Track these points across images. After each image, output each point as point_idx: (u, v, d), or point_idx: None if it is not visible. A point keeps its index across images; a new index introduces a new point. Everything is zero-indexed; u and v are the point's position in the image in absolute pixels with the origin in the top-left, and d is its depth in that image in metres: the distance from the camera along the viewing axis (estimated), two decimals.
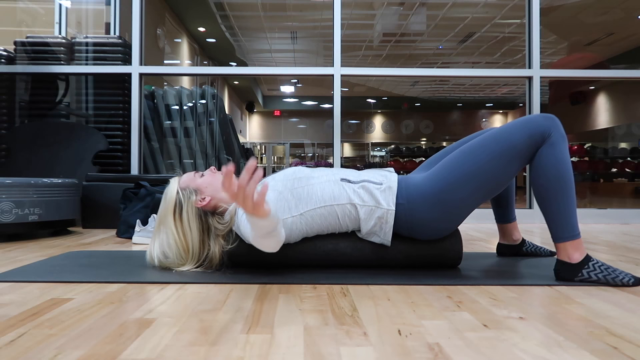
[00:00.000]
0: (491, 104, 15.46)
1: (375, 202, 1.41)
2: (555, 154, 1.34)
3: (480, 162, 1.36)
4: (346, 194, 1.42)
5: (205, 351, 0.82)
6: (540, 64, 3.29)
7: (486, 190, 1.39)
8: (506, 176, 1.38)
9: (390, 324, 0.99)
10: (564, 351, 0.84)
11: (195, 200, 1.45)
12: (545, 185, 1.35)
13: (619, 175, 9.17)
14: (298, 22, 8.08)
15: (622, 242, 2.28)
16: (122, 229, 2.33)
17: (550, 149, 1.34)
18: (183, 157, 3.86)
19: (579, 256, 1.35)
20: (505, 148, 1.35)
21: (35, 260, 1.67)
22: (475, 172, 1.37)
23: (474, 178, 1.37)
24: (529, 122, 1.36)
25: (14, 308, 1.08)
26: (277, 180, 1.44)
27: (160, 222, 1.47)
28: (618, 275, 1.33)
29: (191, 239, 1.44)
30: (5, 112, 3.41)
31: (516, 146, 1.35)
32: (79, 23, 4.38)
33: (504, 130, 1.38)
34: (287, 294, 1.22)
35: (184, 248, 1.44)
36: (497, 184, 1.39)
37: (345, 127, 3.28)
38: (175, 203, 1.46)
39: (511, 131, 1.36)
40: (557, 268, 1.39)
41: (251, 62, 10.54)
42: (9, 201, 2.16)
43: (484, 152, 1.37)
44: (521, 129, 1.35)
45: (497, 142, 1.36)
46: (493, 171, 1.36)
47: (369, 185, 1.43)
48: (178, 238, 1.44)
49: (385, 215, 1.41)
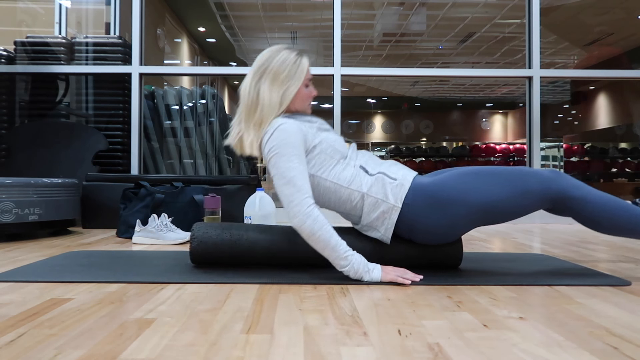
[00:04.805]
0: (491, 104, 15.45)
1: (384, 195, 1.40)
2: (585, 205, 1.38)
3: (492, 194, 1.38)
4: (359, 181, 1.41)
5: (205, 351, 0.82)
6: (540, 64, 3.29)
7: (490, 216, 1.41)
8: (516, 214, 1.41)
9: (390, 324, 0.99)
10: (564, 351, 0.84)
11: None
12: (606, 228, 1.41)
13: (619, 175, 9.17)
14: (298, 22, 8.08)
15: (622, 242, 2.28)
16: (122, 229, 2.33)
17: (577, 204, 1.37)
18: (183, 157, 3.86)
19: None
20: (520, 191, 1.37)
21: (35, 260, 1.67)
22: (485, 202, 1.38)
23: (480, 206, 1.38)
24: (548, 179, 1.39)
25: (14, 308, 1.08)
26: (328, 136, 1.44)
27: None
28: None
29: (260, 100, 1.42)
30: (5, 112, 3.41)
31: (530, 192, 1.37)
32: (79, 23, 4.38)
33: (524, 172, 1.40)
34: (287, 294, 1.22)
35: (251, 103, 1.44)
36: (502, 215, 1.41)
37: (345, 127, 3.28)
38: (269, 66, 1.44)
39: (528, 178, 1.39)
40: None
41: (251, 62, 10.50)
42: (9, 201, 2.16)
43: (500, 186, 1.38)
44: (541, 182, 1.38)
45: (515, 185, 1.38)
46: (500, 205, 1.38)
47: (384, 179, 1.41)
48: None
49: (390, 211, 1.40)
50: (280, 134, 1.36)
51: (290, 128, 1.37)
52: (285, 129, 1.37)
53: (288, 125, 1.38)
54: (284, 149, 1.35)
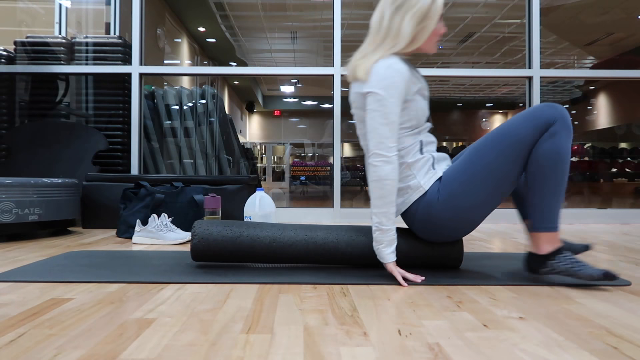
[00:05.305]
0: (491, 104, 15.46)
1: (419, 174, 1.41)
2: (553, 142, 1.29)
3: (487, 160, 1.34)
4: (411, 151, 1.42)
5: (205, 351, 0.82)
6: (540, 64, 3.29)
7: (499, 190, 1.36)
8: (516, 172, 1.35)
9: (390, 324, 0.99)
10: (564, 351, 0.84)
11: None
12: (534, 172, 1.32)
13: (619, 175, 9.17)
14: (298, 22, 8.08)
15: (622, 242, 2.28)
16: (122, 229, 2.33)
17: (549, 137, 1.30)
18: (183, 157, 3.86)
19: (550, 249, 1.33)
20: (511, 142, 1.32)
21: (35, 260, 1.67)
22: (484, 173, 1.34)
23: (483, 180, 1.35)
24: (533, 112, 1.32)
25: (14, 308, 1.08)
26: (421, 101, 1.43)
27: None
28: (585, 269, 1.29)
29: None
30: (5, 112, 3.41)
31: (522, 139, 1.31)
32: (79, 23, 4.38)
33: (510, 123, 1.35)
34: (287, 294, 1.22)
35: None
36: (509, 181, 1.36)
37: (345, 127, 3.30)
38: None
39: (517, 124, 1.33)
40: (526, 259, 1.40)
41: (251, 62, 10.54)
42: (9, 201, 2.16)
43: (492, 149, 1.34)
44: (526, 121, 1.32)
45: (503, 137, 1.33)
46: (502, 168, 1.33)
47: (428, 162, 1.42)
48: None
49: (416, 189, 1.41)
50: (395, 74, 1.34)
51: (404, 74, 1.36)
52: (400, 71, 1.35)
53: (404, 70, 1.36)
54: (393, 91, 1.34)
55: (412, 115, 1.41)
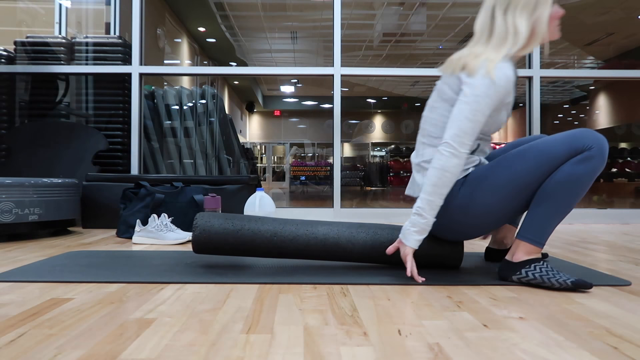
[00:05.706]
0: None
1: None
2: (581, 167, 1.28)
3: (515, 175, 1.34)
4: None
5: (205, 351, 0.82)
6: (540, 64, 3.29)
7: (515, 202, 1.36)
8: (537, 186, 1.34)
9: (390, 324, 0.99)
10: (564, 351, 0.84)
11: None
12: (549, 187, 1.31)
13: (619, 175, 9.17)
14: (298, 22, 8.08)
15: (623, 242, 2.28)
16: (122, 229, 2.33)
17: (581, 161, 1.29)
18: (183, 157, 3.86)
19: (524, 258, 1.33)
20: (543, 159, 1.31)
21: (35, 260, 1.67)
22: (508, 186, 1.34)
23: (504, 192, 1.34)
24: (574, 134, 1.32)
25: (14, 308, 1.08)
26: (502, 114, 1.42)
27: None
28: (557, 276, 1.28)
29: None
30: (5, 112, 3.41)
31: (554, 155, 1.31)
32: (79, 23, 4.38)
33: (546, 141, 1.34)
34: (287, 294, 1.22)
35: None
36: (527, 195, 1.35)
37: (345, 127, 3.28)
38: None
39: (553, 142, 1.32)
40: (500, 266, 1.39)
41: (251, 62, 10.55)
42: (9, 201, 2.16)
43: (521, 164, 1.33)
44: (564, 143, 1.31)
45: (537, 154, 1.33)
46: (526, 181, 1.33)
47: (472, 163, 1.41)
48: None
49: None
50: (502, 81, 1.33)
51: (510, 82, 1.35)
52: (507, 78, 1.33)
53: (512, 79, 1.35)
54: (493, 95, 1.32)
55: (490, 122, 1.41)
